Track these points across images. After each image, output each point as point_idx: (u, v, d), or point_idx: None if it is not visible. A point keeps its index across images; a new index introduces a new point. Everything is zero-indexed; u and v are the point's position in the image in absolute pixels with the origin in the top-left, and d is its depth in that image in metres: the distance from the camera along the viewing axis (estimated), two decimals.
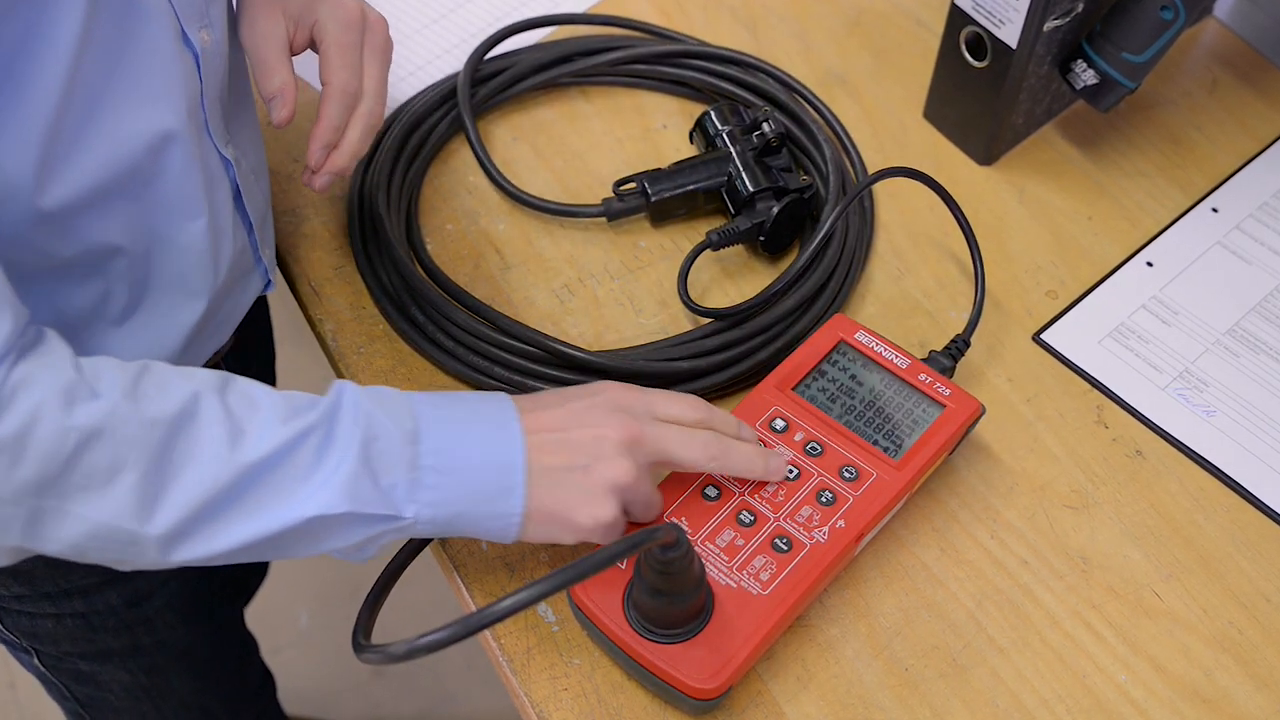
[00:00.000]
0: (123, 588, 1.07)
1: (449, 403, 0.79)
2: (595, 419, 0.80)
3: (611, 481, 0.79)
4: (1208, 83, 1.19)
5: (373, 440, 0.74)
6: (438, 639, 0.67)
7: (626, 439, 0.79)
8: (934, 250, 1.07)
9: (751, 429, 0.88)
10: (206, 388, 0.73)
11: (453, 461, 0.76)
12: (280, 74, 0.86)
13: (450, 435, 0.77)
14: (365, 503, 0.74)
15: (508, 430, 0.78)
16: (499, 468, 0.77)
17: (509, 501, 0.78)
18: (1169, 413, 0.98)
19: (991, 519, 0.93)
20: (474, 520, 0.78)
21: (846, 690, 0.86)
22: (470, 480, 0.77)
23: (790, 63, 1.19)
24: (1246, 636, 0.88)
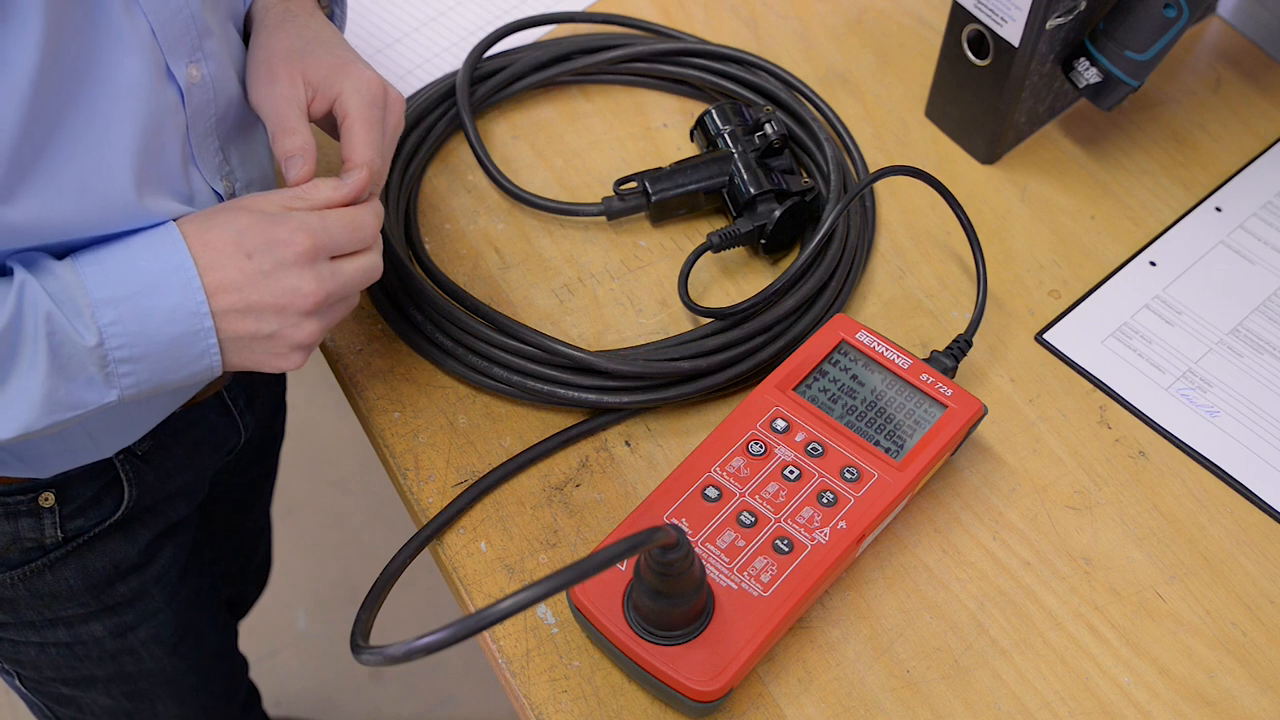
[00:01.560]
0: (108, 619, 1.07)
1: (126, 278, 0.77)
2: (279, 287, 0.79)
3: (297, 344, 0.81)
4: (1211, 81, 1.19)
5: (59, 348, 0.74)
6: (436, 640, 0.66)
7: (309, 307, 0.80)
8: (936, 249, 1.07)
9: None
10: None
11: (143, 349, 0.77)
12: (302, 134, 0.85)
13: (135, 324, 0.76)
14: (66, 408, 0.76)
15: (192, 306, 0.77)
16: (188, 341, 0.78)
17: (203, 365, 0.79)
18: (1172, 413, 0.98)
19: (994, 520, 0.93)
20: (175, 385, 0.80)
21: (848, 692, 0.85)
22: (162, 359, 0.78)
23: (791, 61, 1.19)
24: (1250, 638, 0.88)
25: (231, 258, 0.78)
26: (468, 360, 0.97)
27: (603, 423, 0.96)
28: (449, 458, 0.95)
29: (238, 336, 0.79)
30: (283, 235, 0.79)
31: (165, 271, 0.77)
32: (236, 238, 0.79)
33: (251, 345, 0.80)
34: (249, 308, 0.78)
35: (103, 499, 0.98)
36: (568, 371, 0.96)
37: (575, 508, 0.93)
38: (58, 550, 0.99)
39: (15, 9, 0.69)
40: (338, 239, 0.81)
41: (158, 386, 0.79)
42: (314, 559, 2.08)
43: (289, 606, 2.03)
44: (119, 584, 1.05)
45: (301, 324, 0.80)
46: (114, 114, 0.77)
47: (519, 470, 0.94)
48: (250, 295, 0.78)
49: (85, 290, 0.75)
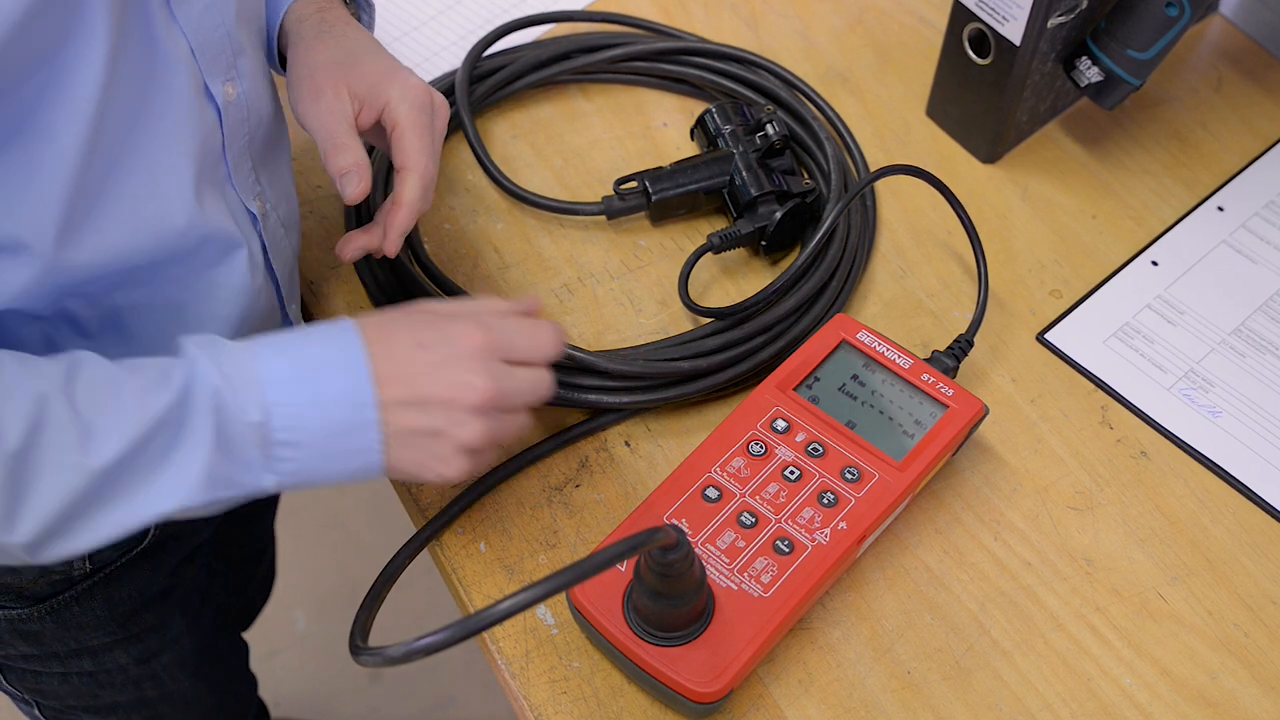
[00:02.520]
0: (133, 647, 1.07)
1: (298, 371, 0.76)
2: (448, 379, 0.77)
3: (461, 444, 0.78)
4: (1214, 80, 1.18)
5: (225, 424, 0.73)
6: (435, 641, 0.66)
7: (478, 404, 0.77)
8: (937, 249, 1.06)
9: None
10: (52, 386, 0.71)
11: (306, 435, 0.75)
12: (354, 151, 0.84)
13: (302, 409, 0.75)
14: (223, 485, 0.74)
15: (360, 396, 0.76)
16: (352, 434, 0.76)
17: (364, 461, 0.77)
18: (1174, 413, 0.98)
19: (995, 520, 0.92)
20: (333, 478, 0.77)
21: (848, 693, 0.85)
22: (325, 449, 0.76)
23: (792, 60, 1.19)
24: (1252, 639, 0.88)
25: (404, 348, 0.77)
26: None
27: (602, 423, 0.96)
28: None
29: (403, 431, 0.77)
30: (458, 329, 0.78)
31: (336, 356, 0.76)
32: (410, 330, 0.78)
33: (416, 443, 0.77)
34: (417, 399, 0.76)
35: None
36: (567, 371, 0.95)
37: (575, 508, 0.93)
38: (85, 582, 0.98)
39: (83, 25, 0.68)
40: (513, 341, 0.80)
41: (315, 478, 0.76)
42: (313, 560, 2.08)
43: (288, 607, 2.03)
44: (144, 612, 1.05)
45: (468, 422, 0.77)
46: (172, 135, 0.77)
47: (518, 471, 0.94)
48: (420, 387, 0.76)
49: (256, 367, 0.74)
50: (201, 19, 0.78)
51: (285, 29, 0.90)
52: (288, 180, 0.94)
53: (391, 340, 0.77)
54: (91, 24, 0.69)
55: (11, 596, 0.97)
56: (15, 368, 0.71)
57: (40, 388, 0.70)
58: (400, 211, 0.86)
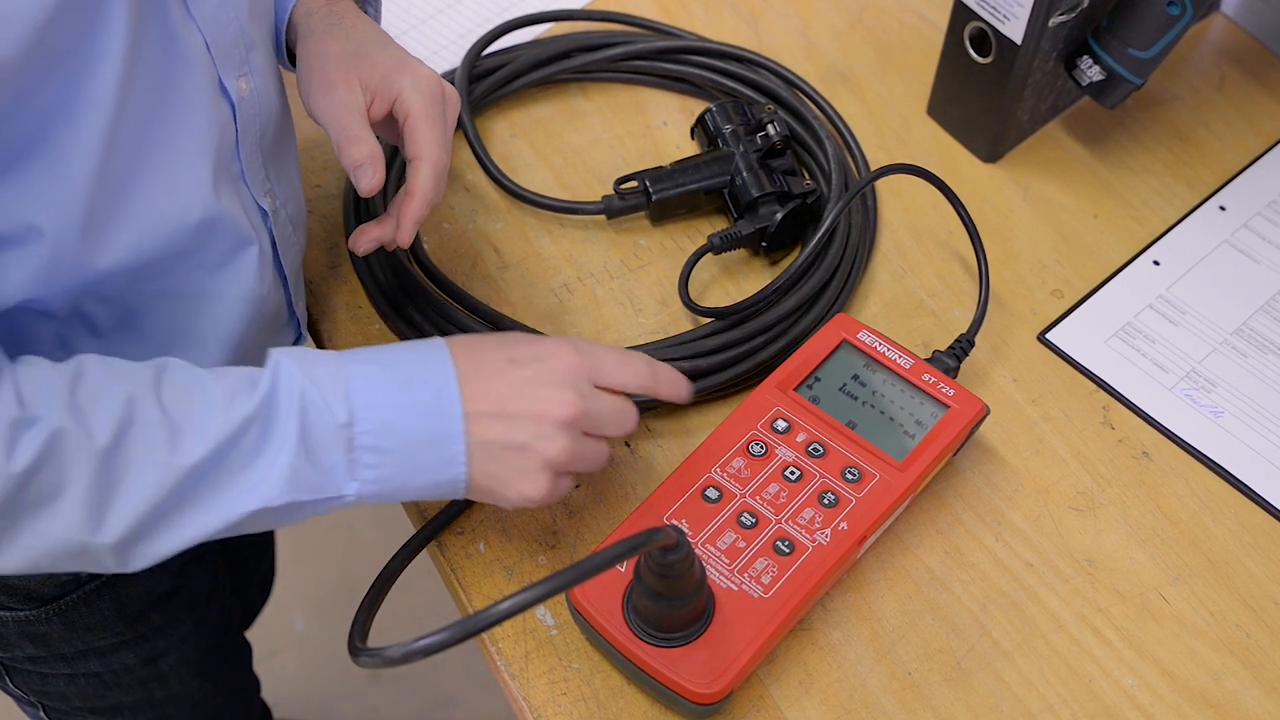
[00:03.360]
0: (140, 647, 1.07)
1: (387, 375, 0.77)
2: (537, 394, 0.78)
3: (547, 461, 0.78)
4: (1215, 79, 1.18)
5: (309, 425, 0.74)
6: (434, 642, 0.66)
7: (567, 419, 0.78)
8: (938, 249, 1.06)
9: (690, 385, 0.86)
10: (141, 388, 0.72)
11: (392, 441, 0.76)
12: (368, 143, 0.84)
13: (388, 413, 0.76)
14: (305, 489, 0.74)
15: (447, 405, 0.77)
16: (438, 443, 0.76)
17: (450, 473, 0.77)
18: (1176, 413, 0.97)
19: (996, 521, 0.92)
20: (417, 489, 0.78)
21: (849, 695, 0.85)
22: (410, 457, 0.76)
23: (792, 59, 1.18)
24: (1254, 640, 0.88)
25: (495, 364, 0.78)
26: None
27: None
28: None
29: (489, 443, 0.77)
30: (549, 348, 0.79)
31: (423, 365, 0.77)
32: (501, 347, 0.79)
33: (500, 456, 0.77)
34: (505, 412, 0.77)
35: None
36: None
37: (574, 509, 0.92)
38: (92, 583, 0.98)
39: (103, 20, 0.68)
40: (604, 367, 0.81)
41: (397, 488, 0.77)
42: (312, 560, 2.07)
43: (287, 608, 2.02)
44: (152, 612, 1.05)
45: (554, 437, 0.78)
46: (190, 130, 0.77)
47: None
48: (508, 400, 0.77)
49: (343, 372, 0.75)
50: (216, 14, 0.78)
51: (294, 23, 0.90)
52: (295, 178, 0.94)
53: (481, 355, 0.79)
54: (111, 18, 0.69)
55: (20, 598, 0.96)
56: (103, 370, 0.72)
57: (129, 389, 0.72)
58: (413, 201, 0.87)
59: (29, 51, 0.65)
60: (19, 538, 0.70)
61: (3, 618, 0.98)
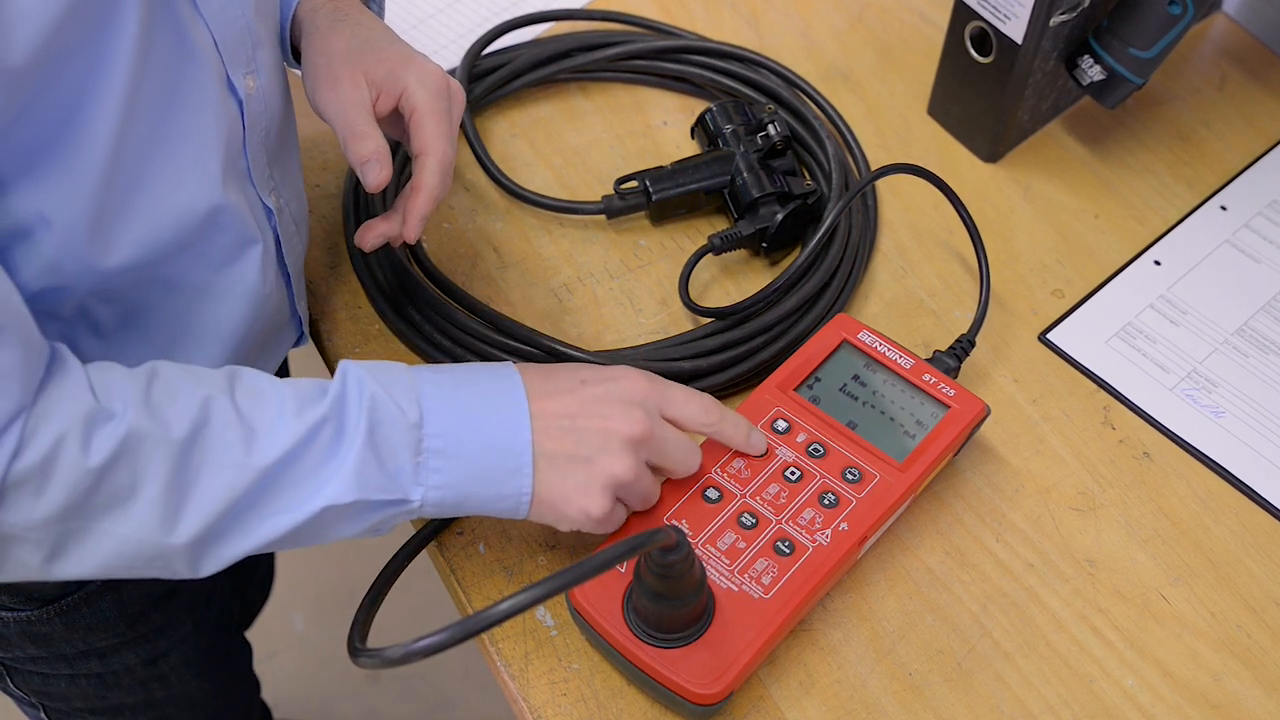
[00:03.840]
0: (141, 648, 1.07)
1: (455, 381, 0.78)
2: (606, 411, 0.79)
3: (611, 476, 0.79)
4: (1216, 79, 1.18)
5: (378, 425, 0.74)
6: (434, 643, 0.66)
7: (634, 437, 0.79)
8: (938, 249, 1.06)
9: (761, 434, 0.87)
10: (216, 390, 0.73)
11: (459, 446, 0.76)
12: (374, 138, 0.85)
13: (456, 418, 0.76)
14: (372, 489, 0.74)
15: (515, 414, 0.78)
16: (505, 452, 0.77)
17: (516, 484, 0.78)
18: (1177, 414, 0.97)
19: (996, 521, 0.92)
20: (481, 502, 0.78)
21: (849, 695, 0.84)
22: (476, 464, 0.77)
23: (793, 58, 1.18)
24: (1255, 641, 0.87)
25: (565, 383, 0.80)
26: (466, 360, 0.97)
27: None
28: None
29: (555, 455, 0.78)
30: (621, 372, 0.82)
31: (495, 381, 0.78)
32: (572, 369, 0.81)
33: (565, 468, 0.78)
34: (574, 426, 0.78)
35: None
36: None
37: None
38: (94, 583, 0.98)
39: (114, 15, 0.68)
40: (673, 396, 0.82)
41: (463, 498, 0.77)
42: (311, 561, 2.07)
43: (286, 609, 2.02)
44: (153, 612, 1.05)
45: (620, 454, 0.78)
46: (200, 127, 0.77)
47: None
48: (578, 416, 0.78)
49: (415, 381, 0.76)
50: (224, 11, 0.78)
51: (298, 20, 0.90)
52: (298, 177, 0.94)
53: (551, 374, 0.81)
54: (122, 16, 0.69)
55: (21, 598, 0.96)
56: (178, 372, 0.73)
57: (204, 391, 0.72)
58: (420, 196, 0.87)
59: (45, 49, 0.65)
60: (91, 538, 0.70)
61: (4, 618, 0.98)
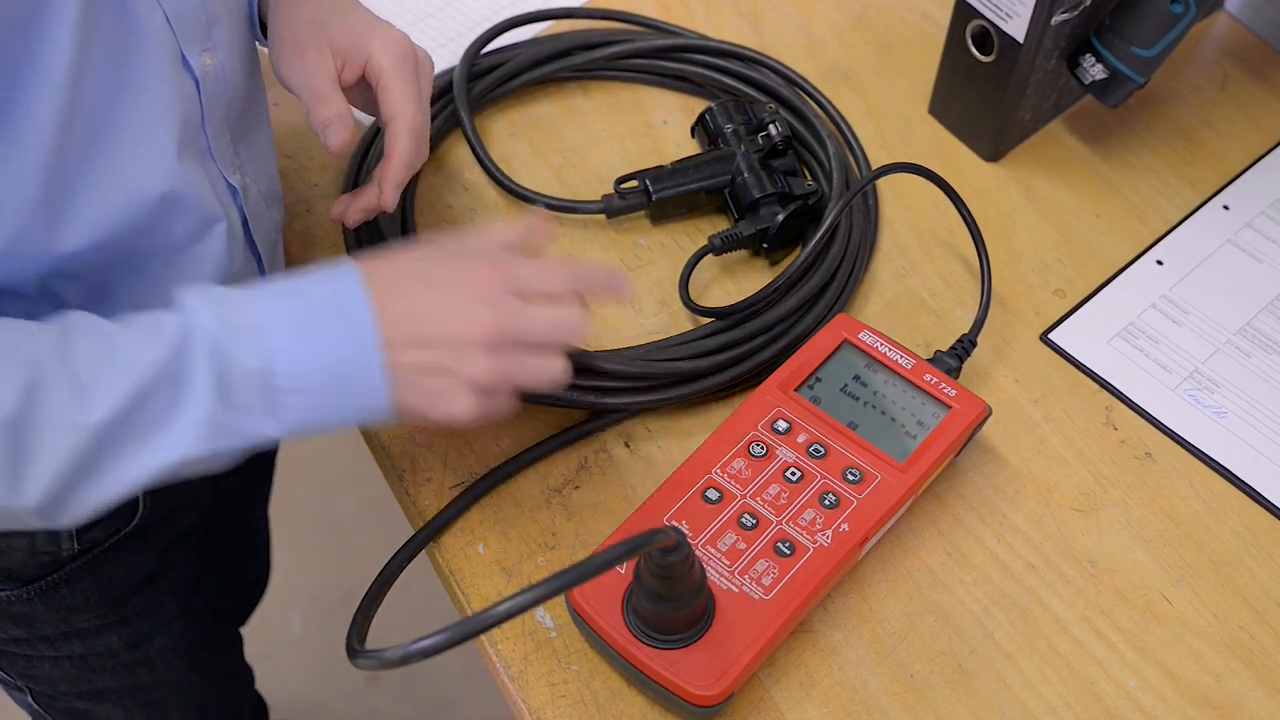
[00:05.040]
0: (124, 630, 1.06)
1: (297, 308, 0.75)
2: (453, 316, 0.76)
3: (471, 380, 0.76)
4: (1219, 78, 1.18)
5: (226, 374, 0.72)
6: (433, 644, 0.66)
7: (487, 340, 0.76)
8: (939, 248, 1.06)
9: (623, 275, 0.84)
10: (46, 350, 0.71)
11: (309, 381, 0.74)
12: (335, 102, 0.84)
13: (305, 355, 0.74)
14: (227, 435, 0.73)
15: (362, 336, 0.74)
16: (358, 377, 0.75)
17: (372, 403, 0.76)
18: (1179, 414, 0.97)
19: (998, 522, 0.92)
20: (339, 423, 0.76)
21: (850, 697, 0.84)
22: (331, 394, 0.75)
23: (793, 57, 1.18)
24: (1258, 642, 0.87)
25: (410, 288, 0.76)
26: None
27: (602, 424, 0.95)
28: (446, 459, 0.94)
29: (410, 369, 0.75)
30: (467, 266, 0.77)
31: (334, 300, 0.75)
32: (417, 269, 0.77)
33: (422, 381, 0.76)
34: (423, 337, 0.75)
35: (117, 509, 0.97)
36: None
37: (574, 510, 0.92)
38: (73, 563, 0.98)
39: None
40: (525, 278, 0.78)
41: (322, 422, 0.76)
42: (309, 562, 2.07)
43: (284, 610, 2.02)
44: (134, 595, 1.04)
45: (475, 358, 0.76)
46: (152, 106, 0.76)
47: (517, 472, 0.93)
48: (426, 326, 0.75)
49: (255, 314, 0.73)
50: None
51: None
52: (268, 155, 0.94)
53: (397, 280, 0.77)
54: None
55: (1, 578, 0.96)
56: (8, 335, 0.71)
57: (34, 352, 0.70)
58: (393, 162, 0.86)
59: None
60: None
61: None
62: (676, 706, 0.81)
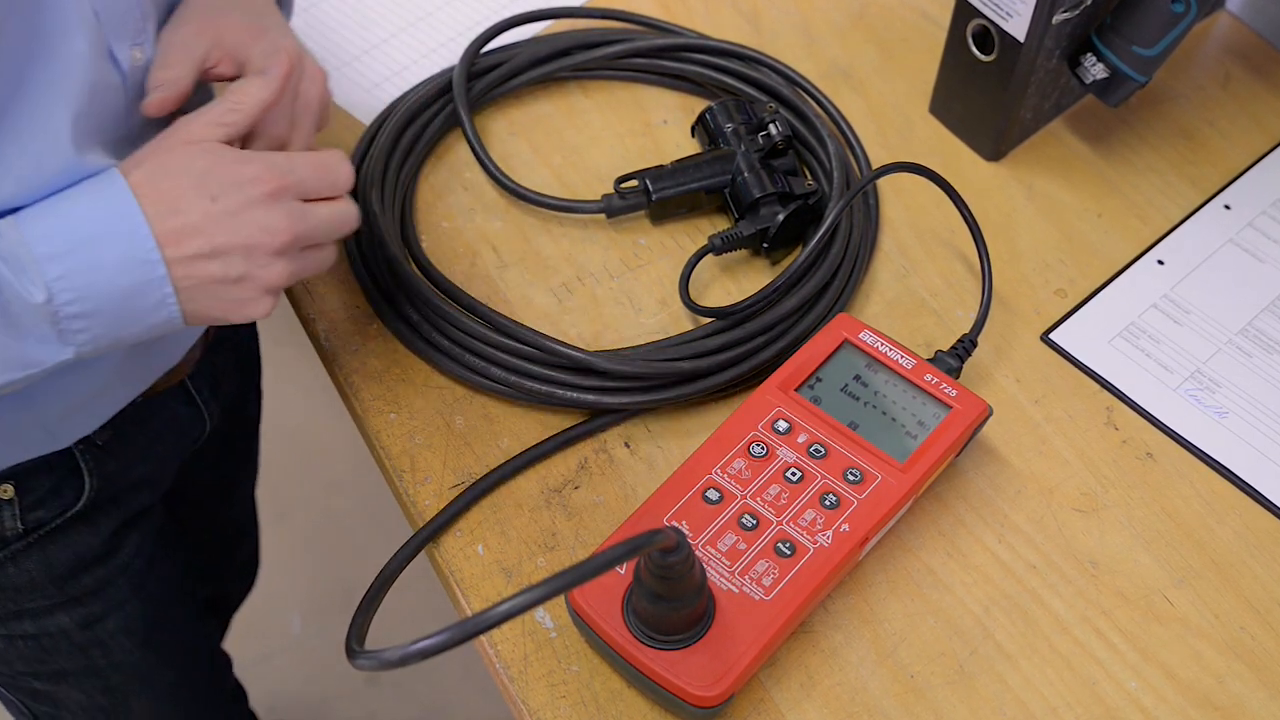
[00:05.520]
0: (75, 610, 1.06)
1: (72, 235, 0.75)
2: (249, 225, 0.77)
3: (267, 284, 0.79)
4: (1220, 77, 1.17)
5: (8, 305, 0.73)
6: (432, 644, 0.65)
7: (280, 247, 0.78)
8: (940, 248, 1.05)
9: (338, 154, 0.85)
10: None
11: (95, 305, 0.75)
12: (175, 70, 0.82)
13: (84, 279, 0.74)
14: (22, 365, 0.74)
15: (143, 254, 0.75)
16: (142, 291, 0.76)
17: (162, 315, 0.77)
18: (1180, 414, 0.97)
19: (999, 523, 0.92)
20: (135, 337, 0.78)
21: (851, 698, 0.84)
22: (118, 312, 0.76)
23: (794, 57, 1.18)
24: (1260, 643, 0.87)
25: (194, 202, 0.76)
26: (465, 360, 0.96)
27: (602, 424, 0.95)
28: (445, 459, 0.94)
29: (204, 282, 0.77)
30: (249, 174, 0.78)
31: (109, 220, 0.75)
32: (198, 181, 0.77)
33: (218, 291, 0.78)
34: (215, 250, 0.77)
35: (63, 489, 0.97)
36: (566, 372, 0.94)
37: (574, 510, 0.92)
38: (19, 542, 0.98)
39: None
40: (306, 181, 0.80)
41: (115, 341, 0.77)
42: (308, 562, 2.07)
43: (283, 610, 2.02)
44: (83, 575, 1.04)
45: (271, 264, 0.78)
46: (55, 93, 0.75)
47: (517, 472, 0.93)
48: (217, 238, 0.76)
49: (29, 246, 0.73)
50: None
51: None
52: None
53: (176, 195, 0.77)
54: None
55: None
56: None
57: None
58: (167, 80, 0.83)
59: None
60: None
61: None
62: (677, 707, 0.81)
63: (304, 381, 2.13)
